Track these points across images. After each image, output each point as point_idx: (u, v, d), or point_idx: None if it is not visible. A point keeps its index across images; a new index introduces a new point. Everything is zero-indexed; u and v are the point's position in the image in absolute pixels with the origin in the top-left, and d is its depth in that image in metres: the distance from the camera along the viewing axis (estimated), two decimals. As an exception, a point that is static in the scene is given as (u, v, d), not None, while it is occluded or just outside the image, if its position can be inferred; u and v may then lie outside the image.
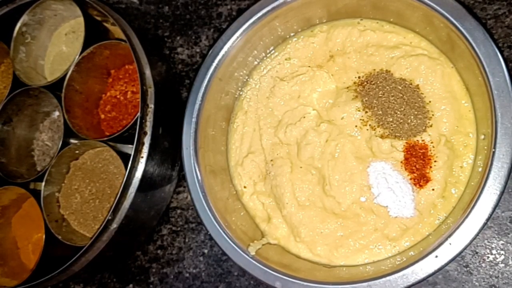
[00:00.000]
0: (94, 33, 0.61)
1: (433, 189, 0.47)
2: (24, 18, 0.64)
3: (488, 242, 0.51)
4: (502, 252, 0.50)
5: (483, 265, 0.51)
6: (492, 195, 0.41)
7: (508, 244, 0.50)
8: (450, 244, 0.41)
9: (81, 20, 0.61)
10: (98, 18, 0.63)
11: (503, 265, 0.50)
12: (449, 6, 0.44)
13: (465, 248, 0.41)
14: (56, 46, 0.69)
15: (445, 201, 0.47)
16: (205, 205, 0.49)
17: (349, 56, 0.54)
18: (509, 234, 0.50)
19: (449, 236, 0.41)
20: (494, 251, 0.51)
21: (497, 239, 0.51)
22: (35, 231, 0.65)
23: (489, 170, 0.41)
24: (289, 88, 0.55)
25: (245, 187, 0.55)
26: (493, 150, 0.41)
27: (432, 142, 0.48)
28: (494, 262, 0.51)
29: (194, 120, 0.51)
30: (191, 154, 0.50)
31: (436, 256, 0.41)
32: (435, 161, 0.48)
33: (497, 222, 0.51)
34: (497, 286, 0.50)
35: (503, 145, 0.41)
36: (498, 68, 0.42)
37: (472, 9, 0.54)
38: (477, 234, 0.41)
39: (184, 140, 0.51)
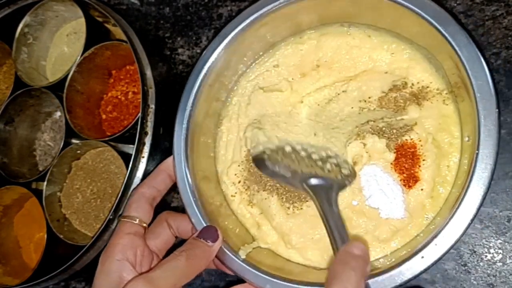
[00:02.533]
0: (96, 34, 0.62)
1: (422, 189, 0.48)
2: (26, 19, 0.65)
3: (486, 241, 0.51)
4: (500, 251, 0.51)
5: (481, 264, 0.51)
6: (476, 196, 0.41)
7: (506, 243, 0.51)
8: (436, 244, 0.41)
9: (82, 21, 0.61)
10: (99, 19, 0.63)
11: (500, 264, 0.51)
12: (432, 11, 0.44)
13: (450, 249, 0.41)
14: (58, 47, 0.70)
15: (434, 201, 0.48)
16: (196, 209, 0.49)
17: (333, 71, 0.54)
18: (506, 233, 0.51)
19: (435, 237, 0.41)
20: (492, 250, 0.51)
21: (495, 238, 0.51)
22: (37, 230, 0.66)
23: (473, 172, 0.41)
24: (264, 98, 0.55)
25: (232, 195, 0.54)
26: (477, 151, 0.41)
27: (420, 141, 0.49)
28: (492, 261, 0.51)
29: (184, 126, 0.51)
30: (182, 160, 0.50)
31: (422, 257, 0.41)
32: (423, 160, 0.48)
33: (495, 221, 0.51)
34: (495, 284, 0.50)
35: (486, 146, 0.41)
36: (481, 72, 0.42)
37: (455, 14, 0.54)
38: (462, 235, 0.41)
39: (175, 145, 0.50)
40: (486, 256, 0.51)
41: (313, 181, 0.46)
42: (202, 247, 0.45)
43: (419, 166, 0.48)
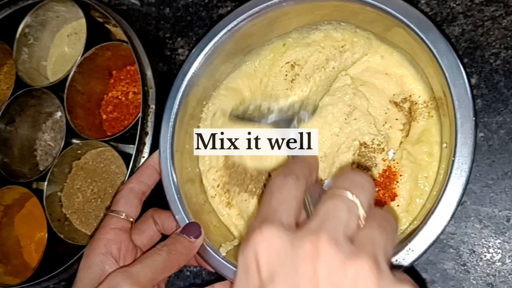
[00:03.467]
0: (96, 34, 0.62)
1: (398, 205, 0.48)
2: (27, 19, 0.65)
3: (485, 241, 0.52)
4: (499, 251, 0.51)
5: (480, 263, 0.51)
6: (451, 201, 0.41)
7: (505, 243, 0.51)
8: (410, 249, 0.42)
9: (83, 21, 0.61)
10: (100, 20, 0.64)
11: (500, 263, 0.51)
12: (414, 17, 0.44)
13: (423, 253, 0.42)
14: (59, 47, 0.70)
15: (409, 214, 0.48)
16: (179, 206, 0.49)
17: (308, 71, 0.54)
18: (505, 233, 0.51)
19: (409, 242, 0.42)
20: (491, 250, 0.51)
21: (494, 238, 0.51)
22: (38, 230, 0.66)
23: (449, 178, 0.42)
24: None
25: (212, 196, 0.55)
26: (453, 158, 0.42)
27: (394, 160, 0.50)
28: (491, 260, 0.51)
29: (171, 124, 0.51)
30: (168, 157, 0.51)
31: (396, 260, 0.42)
32: (400, 175, 0.49)
33: (494, 221, 0.51)
34: (494, 284, 0.51)
35: (462, 153, 0.41)
36: (459, 79, 0.42)
37: (436, 21, 0.54)
38: (438, 236, 0.41)
39: (162, 143, 0.51)
40: (485, 255, 0.51)
41: (271, 118, 0.51)
42: (184, 242, 0.46)
43: (397, 182, 0.49)
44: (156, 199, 0.52)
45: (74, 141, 0.62)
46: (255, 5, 0.51)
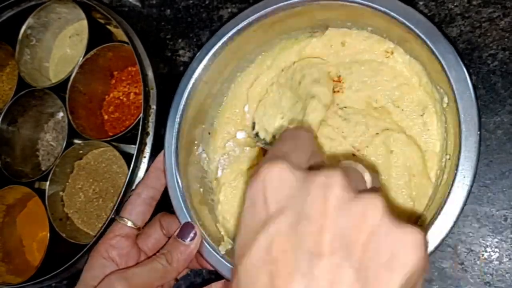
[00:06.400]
0: (98, 35, 0.62)
1: None
2: (29, 21, 0.66)
3: (483, 240, 0.52)
4: (497, 249, 0.51)
5: (478, 262, 0.52)
6: (450, 217, 0.41)
7: (503, 242, 0.51)
8: None
9: (84, 23, 0.62)
10: (102, 21, 0.64)
11: (497, 262, 0.51)
12: (424, 27, 0.44)
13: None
14: (60, 48, 0.70)
15: None
16: (181, 202, 0.50)
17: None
18: (503, 232, 0.51)
19: None
20: (488, 249, 0.52)
21: (492, 237, 0.52)
22: (40, 229, 0.66)
23: (450, 191, 0.42)
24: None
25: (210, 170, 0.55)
26: (455, 171, 0.41)
27: None
28: (489, 259, 0.52)
29: (177, 120, 0.52)
30: (172, 152, 0.51)
31: None
32: None
33: (491, 220, 0.52)
34: (491, 283, 0.51)
35: (465, 167, 0.41)
36: (467, 92, 0.42)
37: (443, 29, 0.54)
38: (433, 251, 0.42)
39: (167, 138, 0.51)
40: (483, 254, 0.52)
41: None
42: (180, 248, 0.48)
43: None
44: (167, 203, 0.52)
45: (76, 141, 0.62)
46: (266, 6, 0.50)
